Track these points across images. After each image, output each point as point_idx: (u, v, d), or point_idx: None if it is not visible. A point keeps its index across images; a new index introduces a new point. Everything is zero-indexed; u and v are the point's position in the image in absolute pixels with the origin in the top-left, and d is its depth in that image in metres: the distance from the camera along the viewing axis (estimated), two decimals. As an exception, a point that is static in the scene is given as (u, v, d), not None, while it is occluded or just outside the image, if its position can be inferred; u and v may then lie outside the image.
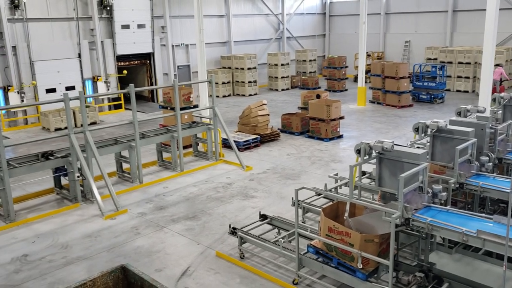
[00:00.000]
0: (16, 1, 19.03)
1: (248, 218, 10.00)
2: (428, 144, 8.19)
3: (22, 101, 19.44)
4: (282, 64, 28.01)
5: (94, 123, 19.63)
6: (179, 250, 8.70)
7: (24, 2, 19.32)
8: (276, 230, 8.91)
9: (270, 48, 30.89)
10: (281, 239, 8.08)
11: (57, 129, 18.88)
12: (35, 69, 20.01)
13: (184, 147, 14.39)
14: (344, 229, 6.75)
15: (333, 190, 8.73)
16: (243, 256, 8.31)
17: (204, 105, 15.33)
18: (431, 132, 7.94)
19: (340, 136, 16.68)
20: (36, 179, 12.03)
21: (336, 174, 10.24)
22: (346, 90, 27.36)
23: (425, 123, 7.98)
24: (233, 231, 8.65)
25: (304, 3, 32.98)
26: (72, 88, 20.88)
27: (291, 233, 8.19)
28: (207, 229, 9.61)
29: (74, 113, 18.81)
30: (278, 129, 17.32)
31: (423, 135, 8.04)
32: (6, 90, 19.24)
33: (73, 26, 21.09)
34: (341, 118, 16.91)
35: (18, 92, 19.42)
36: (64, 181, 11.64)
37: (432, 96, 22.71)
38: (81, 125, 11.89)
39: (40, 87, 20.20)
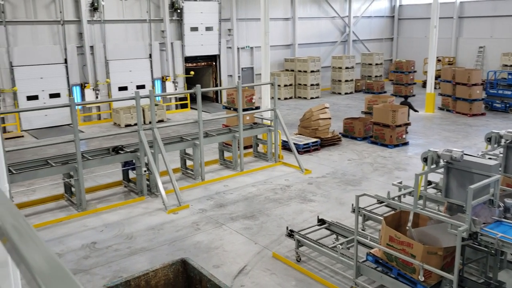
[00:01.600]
0: (96, 4, 20.23)
1: (305, 221, 9.97)
2: (501, 155, 7.75)
3: (97, 97, 20.62)
4: (346, 67, 27.61)
5: (161, 121, 20.41)
6: (237, 248, 8.85)
7: (103, 5, 20.50)
8: (334, 236, 8.81)
9: (335, 51, 30.55)
10: (339, 245, 7.99)
11: (127, 125, 19.83)
12: (109, 68, 21.18)
13: (245, 148, 14.61)
14: (406, 239, 6.56)
15: (396, 198, 8.49)
16: (300, 259, 8.30)
17: (266, 106, 15.46)
18: (505, 143, 7.51)
19: (406, 143, 16.16)
20: (106, 171, 12.73)
21: (400, 182, 9.95)
22: (413, 95, 26.45)
23: (498, 133, 7.56)
24: (291, 234, 8.66)
25: (372, 6, 32.29)
26: (143, 87, 21.85)
27: (350, 240, 8.07)
28: (265, 230, 9.69)
29: (143, 110, 19.68)
30: (340, 133, 17.09)
31: (496, 145, 7.62)
32: (83, 87, 20.51)
33: (146, 28, 22.08)
34: (407, 124, 16.38)
35: (93, 89, 20.64)
36: (131, 174, 12.23)
37: (507, 105, 21.39)
38: (150, 122, 12.42)
39: (113, 85, 21.35)
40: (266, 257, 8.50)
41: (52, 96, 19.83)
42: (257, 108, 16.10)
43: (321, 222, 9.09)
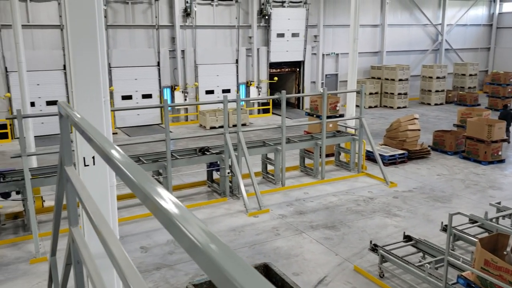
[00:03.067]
0: (188, 10, 21.16)
1: (389, 236, 9.58)
2: None
3: (185, 100, 21.53)
4: (437, 77, 26.26)
5: (244, 125, 20.79)
6: (317, 258, 8.72)
7: (195, 11, 21.38)
8: (421, 254, 8.36)
9: (425, 60, 29.19)
10: (427, 264, 7.56)
11: (211, 127, 20.46)
12: (198, 71, 22.01)
13: (326, 156, 14.38)
14: (504, 264, 6.04)
15: (494, 220, 7.86)
16: (383, 275, 7.98)
17: (351, 115, 15.14)
18: None
19: (502, 161, 14.96)
20: (191, 171, 13.19)
21: (499, 203, 9.20)
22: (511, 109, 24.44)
23: None
24: (374, 248, 8.36)
25: (468, 14, 30.43)
26: (228, 91, 22.43)
27: (439, 260, 7.61)
28: (346, 241, 9.45)
29: (228, 114, 20.17)
30: (429, 146, 16.25)
31: None
32: (173, 89, 21.53)
33: (234, 33, 22.66)
34: (505, 140, 15.17)
35: (182, 92, 21.58)
36: (215, 175, 12.57)
37: None
38: (233, 126, 12.68)
39: (201, 88, 22.17)
40: (347, 269, 8.28)
41: (145, 96, 21.02)
42: (341, 116, 15.82)
43: (407, 238, 8.67)
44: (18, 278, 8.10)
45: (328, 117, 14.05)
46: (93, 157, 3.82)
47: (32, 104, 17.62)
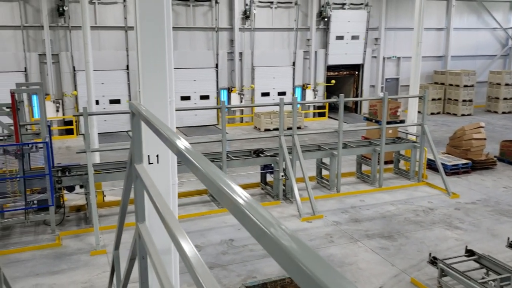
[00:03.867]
0: (248, 13, 21.35)
1: (450, 250, 9.13)
2: None
3: (241, 101, 21.73)
4: (506, 84, 24.82)
5: (299, 128, 20.64)
6: (372, 267, 8.46)
7: (254, 14, 21.54)
8: (484, 270, 7.88)
9: (493, 65, 27.69)
10: (491, 281, 7.12)
11: (266, 130, 20.49)
12: (255, 73, 22.15)
13: (385, 163, 13.95)
14: None
15: None
16: (443, 290, 7.60)
17: (412, 121, 14.62)
18: None
19: None
20: (246, 172, 13.26)
21: None
22: None
23: None
24: (433, 261, 7.99)
25: (543, 16, 28.55)
26: (284, 93, 22.39)
27: (505, 278, 7.14)
28: (403, 252, 9.11)
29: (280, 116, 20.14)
30: (495, 156, 15.35)
31: None
32: (229, 91, 21.79)
33: (292, 36, 22.60)
34: None
35: (238, 94, 21.79)
36: (269, 178, 12.55)
37: None
38: (288, 128, 12.60)
39: (257, 90, 22.28)
40: (403, 281, 7.97)
41: (202, 97, 21.42)
42: (402, 121, 15.31)
43: (470, 253, 8.21)
44: (80, 268, 8.47)
45: (388, 123, 13.64)
46: (157, 156, 3.90)
47: (96, 102, 18.55)
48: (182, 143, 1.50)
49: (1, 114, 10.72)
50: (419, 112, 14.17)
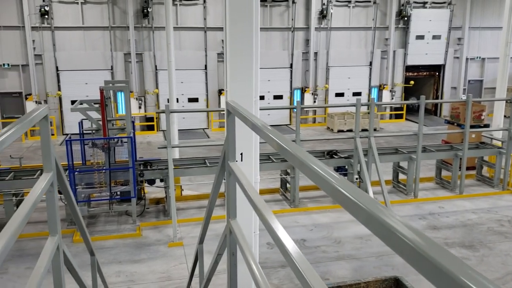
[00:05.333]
0: (325, 12, 21.16)
1: (541, 265, 8.44)
2: None
3: (314, 102, 21.59)
4: None
5: (374, 130, 20.09)
6: (451, 278, 8.04)
7: (331, 13, 21.30)
8: None
9: None
10: None
11: (339, 131, 20.20)
12: (329, 74, 21.91)
13: (467, 168, 13.20)
14: None
15: None
16: (532, 308, 7.06)
17: (498, 125, 13.71)
18: None
19: None
20: (318, 173, 13.12)
21: None
22: None
23: None
24: (522, 276, 7.43)
25: None
26: (359, 94, 21.94)
27: None
28: (485, 264, 8.56)
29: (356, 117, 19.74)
30: None
31: None
32: (303, 91, 21.74)
33: (369, 35, 22.06)
34: None
35: (312, 94, 21.67)
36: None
37: None
38: (362, 130, 12.32)
39: (331, 90, 22.03)
40: (487, 296, 7.49)
41: (276, 97, 21.55)
42: (486, 126, 14.40)
43: None
44: (158, 259, 8.89)
45: (471, 127, 12.89)
46: (241, 154, 3.99)
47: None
48: (283, 139, 1.53)
49: (90, 109, 11.52)
50: (506, 116, 13.25)
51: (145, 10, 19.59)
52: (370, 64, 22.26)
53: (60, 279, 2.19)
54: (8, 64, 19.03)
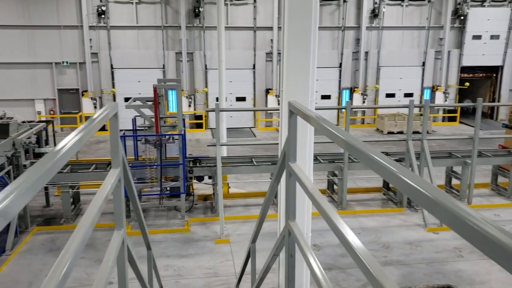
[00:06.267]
0: (377, 11, 20.72)
1: None
2: None
3: (363, 102, 21.19)
4: None
5: (426, 132, 19.50)
6: (508, 290, 7.67)
7: (383, 12, 20.83)
8: None
9: None
10: None
11: (389, 133, 19.73)
12: (380, 74, 21.44)
13: (526, 176, 12.53)
14: None
15: None
16: None
17: (563, 131, 12.90)
18: None
19: None
20: (367, 176, 12.91)
21: None
22: None
23: None
24: None
25: None
26: (410, 95, 21.34)
27: None
28: (546, 278, 8.09)
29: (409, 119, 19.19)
30: None
31: None
32: (352, 91, 21.39)
33: (423, 35, 21.40)
34: None
35: (361, 94, 21.29)
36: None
37: None
38: (414, 132, 11.97)
39: (381, 91, 21.55)
40: (547, 311, 7.10)
41: (324, 97, 21.33)
42: (549, 131, 13.60)
43: None
44: (205, 254, 9.03)
45: (532, 132, 12.22)
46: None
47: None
48: (353, 139, 1.51)
49: (144, 107, 11.85)
50: None
51: (197, 10, 19.94)
52: (423, 64, 21.58)
53: (123, 272, 2.27)
54: (67, 62, 19.93)
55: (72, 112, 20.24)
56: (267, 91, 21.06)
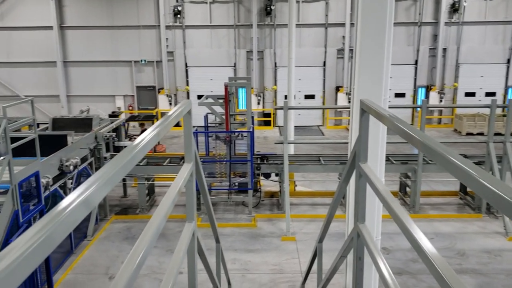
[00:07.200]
0: (457, 5, 19.62)
1: None
2: None
3: (440, 101, 20.18)
4: None
5: (510, 134, 18.19)
6: None
7: (464, 6, 19.68)
8: None
9: None
10: None
11: (468, 134, 18.64)
12: (459, 71, 20.31)
13: None
14: None
15: None
16: None
17: None
18: None
19: None
20: (442, 179, 12.30)
21: None
22: None
23: None
24: None
25: None
26: (493, 94, 20.01)
27: None
28: None
29: (489, 120, 18.01)
30: None
31: None
32: (428, 89, 20.46)
33: (508, 30, 19.94)
34: None
35: (438, 92, 20.29)
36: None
37: None
38: (496, 134, 11.20)
39: (460, 89, 20.42)
40: None
41: (398, 95, 20.59)
42: None
43: None
44: (271, 251, 9.09)
45: None
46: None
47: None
48: (431, 141, 1.44)
49: (215, 104, 12.15)
50: None
51: (268, 8, 20.06)
52: (508, 61, 20.12)
53: (193, 263, 2.34)
54: (145, 60, 20.93)
55: (149, 108, 21.23)
56: (337, 89, 20.72)
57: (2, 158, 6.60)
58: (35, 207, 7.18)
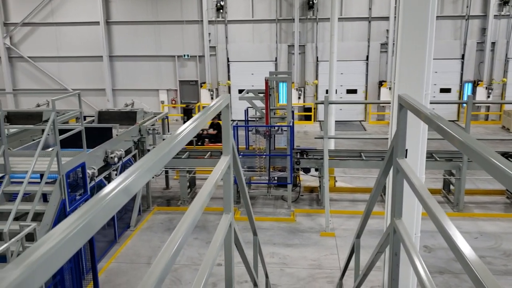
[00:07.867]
0: (508, -3, 18.76)
1: None
2: None
3: (488, 97, 19.40)
4: None
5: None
6: None
7: (517, -3, 18.78)
8: None
9: None
10: None
11: (517, 131, 17.85)
12: (508, 66, 19.46)
13: None
14: None
15: None
16: None
17: None
18: None
19: None
20: (488, 177, 11.84)
21: None
22: None
23: None
24: None
25: None
26: (546, 89, 19.03)
27: None
28: None
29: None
30: None
31: None
32: (475, 84, 19.69)
33: None
34: None
35: (486, 88, 19.51)
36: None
37: None
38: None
39: (509, 85, 19.66)
40: None
41: (443, 90, 19.96)
42: None
43: None
44: (310, 246, 9.08)
45: None
46: (406, 150, 3.82)
47: (335, 91, 19.17)
48: (468, 138, 1.41)
49: (256, 98, 12.21)
50: None
51: (311, 2, 19.89)
52: None
53: (230, 254, 2.40)
54: (188, 55, 21.28)
55: (191, 102, 21.61)
56: (380, 84, 20.31)
57: (51, 149, 6.92)
58: (81, 196, 7.50)
